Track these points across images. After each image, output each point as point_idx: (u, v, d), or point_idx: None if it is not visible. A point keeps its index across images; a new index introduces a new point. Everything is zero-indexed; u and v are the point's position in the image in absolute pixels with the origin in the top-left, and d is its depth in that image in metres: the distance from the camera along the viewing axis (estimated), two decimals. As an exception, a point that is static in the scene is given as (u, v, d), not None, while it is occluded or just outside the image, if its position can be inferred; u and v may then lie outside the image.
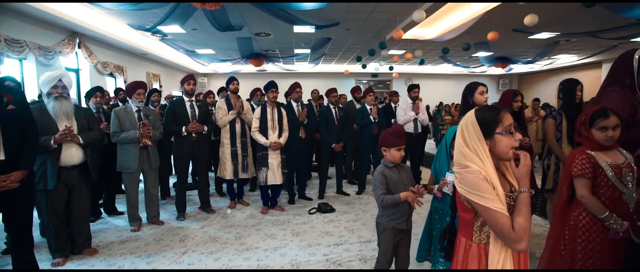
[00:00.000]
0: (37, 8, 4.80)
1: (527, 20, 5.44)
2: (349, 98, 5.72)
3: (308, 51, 9.69)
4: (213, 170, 4.72)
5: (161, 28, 6.52)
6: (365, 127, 4.35)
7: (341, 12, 6.08)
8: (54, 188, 2.44)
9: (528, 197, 1.08)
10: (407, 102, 4.52)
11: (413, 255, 2.12)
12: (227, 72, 12.29)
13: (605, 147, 1.64)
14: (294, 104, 4.03)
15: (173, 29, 6.86)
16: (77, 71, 6.77)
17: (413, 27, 6.50)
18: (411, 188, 1.85)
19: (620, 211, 1.59)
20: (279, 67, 12.05)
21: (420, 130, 4.49)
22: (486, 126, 1.11)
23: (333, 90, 4.35)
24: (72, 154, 2.52)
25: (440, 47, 8.58)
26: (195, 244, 2.99)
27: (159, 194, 3.97)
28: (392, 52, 9.49)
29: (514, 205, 1.10)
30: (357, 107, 5.02)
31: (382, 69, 12.07)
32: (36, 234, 3.06)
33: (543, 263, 1.86)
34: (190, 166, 3.91)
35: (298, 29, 7.12)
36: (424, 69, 13.08)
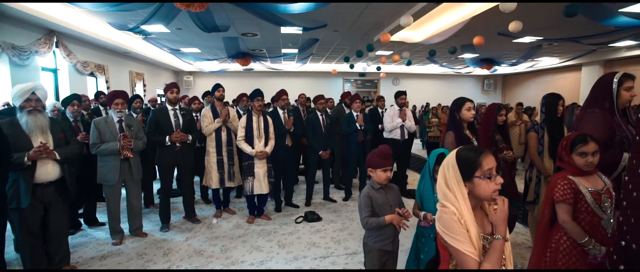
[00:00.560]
0: (10, 6, 4.57)
1: (512, 26, 5.53)
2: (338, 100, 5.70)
3: (295, 51, 9.61)
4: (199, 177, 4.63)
5: (144, 27, 6.32)
6: (351, 134, 4.34)
7: (329, 14, 6.04)
8: (29, 206, 2.33)
9: (501, 244, 1.08)
10: (395, 108, 4.54)
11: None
12: (214, 70, 12.07)
13: (585, 172, 1.67)
14: (281, 112, 3.98)
15: (157, 29, 6.66)
16: (55, 71, 6.51)
17: (400, 30, 6.52)
18: (397, 210, 1.85)
19: (599, 236, 1.63)
20: (266, 66, 11.91)
21: (407, 136, 4.52)
22: (465, 169, 1.11)
23: (321, 97, 4.32)
24: (48, 171, 2.41)
25: (427, 49, 8.64)
26: (179, 258, 2.93)
27: (142, 203, 3.88)
28: (380, 52, 9.51)
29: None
30: (347, 112, 5.02)
31: (370, 69, 12.09)
32: (10, 249, 2.94)
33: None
34: (175, 172, 3.83)
35: (285, 30, 7.04)
36: (411, 69, 13.17)
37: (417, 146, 9.02)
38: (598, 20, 5.58)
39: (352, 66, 10.75)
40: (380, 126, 4.75)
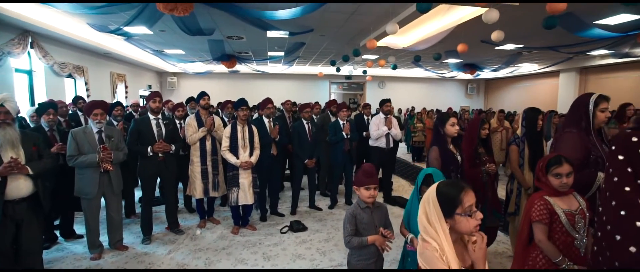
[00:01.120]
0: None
1: (494, 36, 5.67)
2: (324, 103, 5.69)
3: (282, 54, 9.55)
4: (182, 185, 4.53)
5: (127, 29, 6.14)
6: (337, 143, 4.35)
7: (315, 20, 6.03)
8: (-1, 224, 2.23)
9: None
10: (380, 116, 4.57)
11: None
12: (199, 71, 11.86)
13: (561, 192, 1.73)
14: (266, 120, 3.94)
15: (139, 30, 6.49)
16: (30, 73, 6.25)
17: (386, 36, 6.58)
18: (381, 230, 1.86)
19: (572, 256, 1.69)
20: (252, 68, 11.79)
21: (392, 145, 4.56)
22: (447, 206, 1.11)
23: (307, 105, 4.31)
24: (20, 186, 2.30)
25: (412, 54, 8.76)
26: (161, 274, 2.86)
27: (123, 212, 3.77)
28: (366, 56, 9.58)
29: None
30: (332, 119, 5.02)
31: (356, 72, 12.17)
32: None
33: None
34: (157, 180, 3.73)
35: (271, 34, 6.99)
36: (397, 73, 13.32)
37: (402, 150, 9.13)
38: (574, 31, 5.80)
39: (339, 69, 10.79)
40: (365, 134, 4.77)
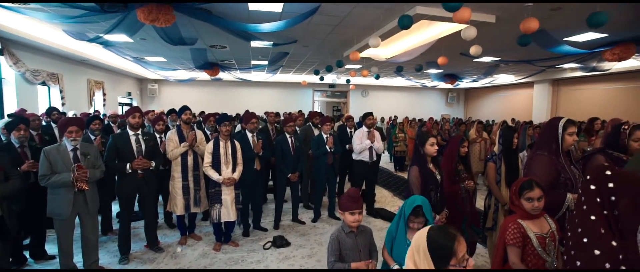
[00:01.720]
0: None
1: (473, 50, 5.89)
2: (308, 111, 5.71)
3: (265, 63, 9.54)
4: (163, 198, 4.43)
5: (106, 37, 5.98)
6: (320, 157, 4.37)
7: (299, 31, 6.08)
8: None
9: None
10: (363, 130, 4.63)
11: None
12: (181, 79, 11.66)
13: (533, 215, 1.81)
14: (250, 135, 3.92)
15: (119, 38, 6.34)
16: (0, 81, 5.97)
17: (369, 48, 6.71)
18: (364, 262, 1.87)
19: (545, 277, 1.77)
20: (235, 76, 11.70)
21: (375, 158, 4.62)
22: (439, 258, 1.07)
23: (289, 119, 4.32)
24: (-16, 211, 2.20)
25: (395, 65, 8.93)
26: (139, 296, 2.78)
27: (100, 229, 3.63)
28: (349, 66, 9.70)
29: None
30: (315, 132, 5.04)
31: (340, 81, 12.28)
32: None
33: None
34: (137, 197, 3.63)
35: (255, 44, 6.98)
36: (380, 82, 13.53)
37: (385, 159, 9.24)
38: (546, 47, 6.11)
39: (322, 79, 10.87)
40: (348, 146, 4.82)
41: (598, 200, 1.30)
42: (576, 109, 11.20)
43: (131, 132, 3.31)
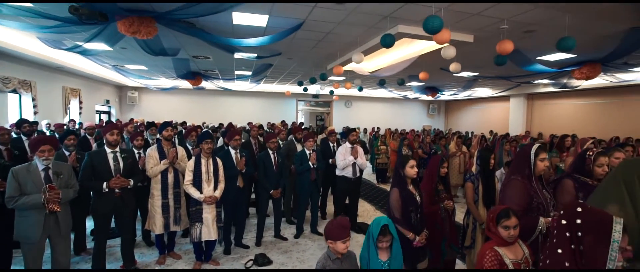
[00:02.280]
0: None
1: (452, 67, 6.10)
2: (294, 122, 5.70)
3: (249, 73, 9.51)
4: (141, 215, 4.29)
5: (85, 46, 5.80)
6: (303, 173, 4.38)
7: (284, 44, 6.10)
8: None
9: None
10: (346, 146, 4.67)
11: None
12: (162, 87, 11.43)
13: (508, 242, 1.88)
14: (233, 152, 3.89)
15: (98, 46, 6.17)
16: (-33, 90, 5.69)
17: (352, 62, 6.82)
18: None
19: (520, 302, 1.83)
20: (218, 85, 11.58)
21: (358, 174, 4.66)
22: None
23: (272, 135, 4.31)
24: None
25: (378, 78, 9.10)
26: (113, 322, 2.67)
27: (72, 249, 3.47)
28: (333, 78, 9.80)
29: None
30: (298, 147, 5.04)
31: (323, 92, 12.36)
32: None
33: None
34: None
35: (239, 55, 6.96)
36: (363, 93, 13.72)
37: (367, 171, 9.32)
38: (521, 65, 6.41)
39: (306, 89, 10.92)
40: (331, 161, 4.84)
41: (567, 234, 1.37)
42: (549, 122, 11.74)
43: (109, 149, 3.21)
